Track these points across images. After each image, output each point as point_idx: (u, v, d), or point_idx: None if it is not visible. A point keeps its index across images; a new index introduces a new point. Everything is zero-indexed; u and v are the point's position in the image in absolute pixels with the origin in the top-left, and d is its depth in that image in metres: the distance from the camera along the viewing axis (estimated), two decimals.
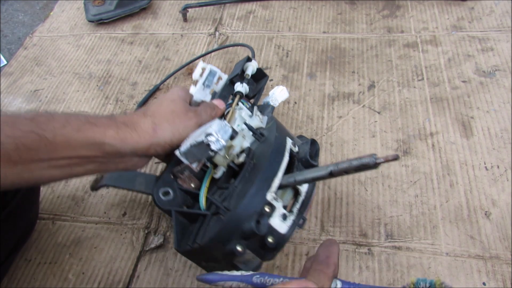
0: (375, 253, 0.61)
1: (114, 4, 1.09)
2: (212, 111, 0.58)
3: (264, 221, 0.45)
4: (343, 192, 0.69)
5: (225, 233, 0.45)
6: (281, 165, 0.47)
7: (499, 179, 0.67)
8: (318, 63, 0.91)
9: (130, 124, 0.50)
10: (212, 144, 0.49)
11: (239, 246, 0.44)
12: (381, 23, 0.97)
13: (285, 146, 0.50)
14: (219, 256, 0.46)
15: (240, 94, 0.63)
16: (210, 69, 0.62)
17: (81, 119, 0.48)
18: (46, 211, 0.73)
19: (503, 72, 0.82)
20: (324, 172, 0.42)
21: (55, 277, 0.65)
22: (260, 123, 0.57)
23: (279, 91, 0.65)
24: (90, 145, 0.47)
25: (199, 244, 0.46)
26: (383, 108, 0.80)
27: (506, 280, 0.57)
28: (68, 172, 0.48)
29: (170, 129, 0.52)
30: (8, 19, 1.41)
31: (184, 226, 0.52)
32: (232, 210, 0.45)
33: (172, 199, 0.54)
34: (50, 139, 0.44)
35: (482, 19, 0.93)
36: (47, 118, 0.46)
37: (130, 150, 0.50)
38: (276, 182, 0.46)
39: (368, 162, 0.37)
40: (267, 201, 0.45)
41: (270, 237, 0.45)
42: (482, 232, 0.62)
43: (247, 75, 0.66)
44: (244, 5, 1.08)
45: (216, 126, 0.49)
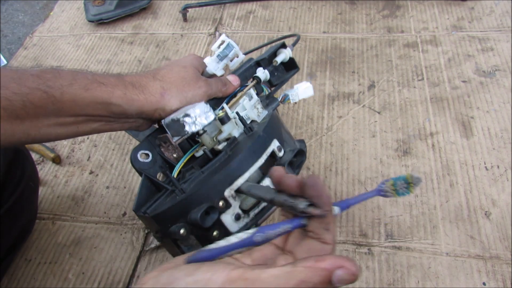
0: (375, 253, 0.61)
1: (114, 4, 1.09)
2: (223, 86, 0.56)
3: (213, 215, 0.44)
4: (343, 192, 0.69)
5: (174, 212, 0.45)
6: (252, 166, 0.46)
7: (499, 179, 0.67)
8: (318, 63, 0.91)
9: (138, 85, 0.50)
10: (187, 125, 0.48)
11: (183, 229, 0.44)
12: (381, 23, 0.97)
13: (266, 148, 0.48)
14: (164, 232, 0.45)
15: (257, 80, 0.60)
16: (228, 42, 0.59)
17: (89, 77, 0.47)
18: (46, 211, 0.73)
19: (503, 72, 0.82)
20: (267, 196, 0.38)
21: (55, 277, 0.65)
22: (256, 117, 0.56)
23: (304, 87, 0.60)
24: (97, 104, 0.47)
25: (148, 214, 0.46)
26: (383, 108, 0.80)
27: (506, 280, 0.56)
28: (74, 130, 0.48)
29: (177, 95, 0.51)
30: (8, 19, 1.41)
31: (151, 191, 0.51)
32: (187, 193, 0.45)
33: (149, 162, 0.54)
34: (57, 97, 0.44)
35: (482, 19, 0.93)
36: (53, 74, 0.45)
37: (136, 112, 0.49)
38: (240, 181, 0.45)
39: (296, 207, 0.32)
40: (223, 197, 0.45)
41: (215, 232, 0.45)
42: (482, 232, 0.62)
43: (276, 62, 0.63)
44: (244, 5, 1.08)
45: (198, 109, 0.49)
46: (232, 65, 0.60)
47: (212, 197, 0.45)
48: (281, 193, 0.36)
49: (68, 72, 0.46)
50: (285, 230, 0.33)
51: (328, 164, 0.73)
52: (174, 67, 0.54)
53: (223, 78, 0.58)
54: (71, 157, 0.81)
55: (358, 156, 0.73)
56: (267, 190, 0.40)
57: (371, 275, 0.59)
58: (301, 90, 0.60)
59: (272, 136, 0.51)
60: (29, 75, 0.43)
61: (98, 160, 0.80)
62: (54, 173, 0.79)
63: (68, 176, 0.78)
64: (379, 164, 0.71)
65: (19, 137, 0.43)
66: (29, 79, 0.43)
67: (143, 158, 0.53)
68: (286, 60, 0.63)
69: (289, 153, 0.51)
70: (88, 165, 0.80)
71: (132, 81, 0.50)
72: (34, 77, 0.43)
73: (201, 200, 0.44)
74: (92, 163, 0.80)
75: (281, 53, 0.63)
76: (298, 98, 0.61)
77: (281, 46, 0.63)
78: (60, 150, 0.83)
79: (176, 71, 0.53)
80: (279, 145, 0.50)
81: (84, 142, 0.84)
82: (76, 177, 0.78)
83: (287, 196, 0.35)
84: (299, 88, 0.61)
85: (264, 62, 0.62)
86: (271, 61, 0.63)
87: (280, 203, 0.36)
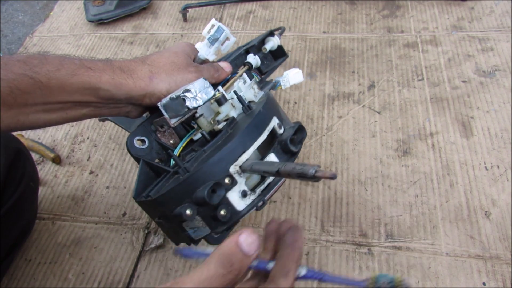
0: (375, 253, 0.61)
1: (114, 4, 1.09)
2: (216, 72, 0.56)
3: (220, 192, 0.43)
4: (343, 192, 0.69)
5: (178, 192, 0.43)
6: (255, 142, 0.45)
7: (499, 179, 0.67)
8: (318, 63, 0.91)
9: (126, 69, 0.49)
10: (188, 101, 0.47)
11: (189, 209, 0.42)
12: (381, 23, 0.97)
13: (267, 124, 0.48)
14: (169, 215, 0.44)
15: (248, 65, 0.60)
16: (218, 26, 0.59)
17: (76, 62, 0.46)
18: (46, 211, 0.73)
19: (503, 72, 0.82)
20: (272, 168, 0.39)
21: (55, 277, 0.65)
22: (253, 97, 0.55)
23: (293, 73, 0.61)
24: (85, 90, 0.46)
25: (151, 197, 0.45)
26: (383, 108, 0.80)
27: (506, 280, 0.56)
28: (63, 116, 0.48)
29: (167, 80, 0.50)
30: (8, 19, 1.41)
31: (149, 177, 0.51)
32: (191, 172, 0.44)
33: (145, 148, 0.53)
34: (45, 83, 0.44)
35: (482, 19, 0.93)
36: (40, 60, 0.44)
37: (125, 97, 0.49)
38: (244, 157, 0.44)
39: (306, 172, 0.34)
40: (229, 173, 0.44)
41: (223, 210, 0.44)
42: (482, 232, 0.62)
43: (265, 49, 0.63)
44: (244, 5, 1.08)
45: (198, 85, 0.48)
46: (224, 48, 0.61)
47: (217, 175, 0.43)
48: (288, 163, 0.37)
49: (54, 57, 0.46)
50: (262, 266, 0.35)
51: (328, 164, 0.73)
52: (164, 53, 0.53)
53: (216, 64, 0.57)
54: (71, 157, 0.81)
55: (358, 156, 0.73)
56: (271, 163, 0.40)
57: (371, 275, 0.59)
58: (291, 75, 0.61)
59: (272, 113, 0.50)
60: (15, 61, 0.43)
61: (98, 160, 0.80)
62: (54, 173, 0.79)
63: (68, 176, 0.78)
64: (379, 164, 0.71)
65: (8, 123, 0.43)
66: (15, 65, 0.43)
67: (139, 144, 0.53)
68: (274, 48, 0.64)
69: (289, 129, 0.50)
70: (88, 165, 0.80)
71: (121, 66, 0.49)
72: (20, 63, 0.43)
73: (206, 178, 0.43)
74: (92, 163, 0.80)
75: (269, 41, 0.64)
76: (289, 83, 0.61)
77: (269, 34, 0.64)
78: (60, 150, 0.83)
79: (166, 56, 0.52)
80: (279, 122, 0.49)
81: (84, 142, 0.84)
82: (76, 177, 0.78)
83: (295, 164, 0.36)
84: (289, 74, 0.61)
85: (253, 50, 0.63)
86: (260, 49, 0.63)
87: (287, 172, 0.37)
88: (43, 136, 0.86)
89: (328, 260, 0.61)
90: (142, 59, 0.52)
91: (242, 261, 0.32)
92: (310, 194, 0.69)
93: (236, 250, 0.32)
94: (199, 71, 0.53)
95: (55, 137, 0.85)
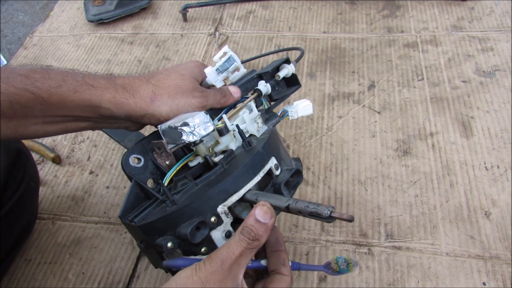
0: (375, 253, 0.61)
1: (114, 4, 1.09)
2: (223, 97, 0.55)
3: (204, 230, 0.44)
4: (343, 192, 0.69)
5: (162, 224, 0.44)
6: (248, 183, 0.46)
7: (499, 179, 0.67)
8: (318, 63, 0.91)
9: (129, 88, 0.49)
10: (184, 135, 0.47)
11: (171, 242, 0.43)
12: (381, 23, 0.97)
13: (264, 166, 0.47)
14: (150, 243, 0.45)
15: (258, 93, 0.59)
16: (230, 56, 0.57)
17: (78, 79, 0.46)
18: (46, 211, 0.73)
19: (503, 72, 0.82)
20: (281, 204, 0.41)
21: (55, 277, 0.65)
22: (255, 131, 0.54)
23: (303, 105, 0.60)
24: (86, 107, 0.46)
25: (135, 223, 0.46)
26: (383, 108, 0.80)
27: (506, 280, 0.57)
28: (62, 128, 0.48)
29: (168, 103, 0.50)
30: (8, 19, 1.41)
31: (139, 198, 0.50)
32: (178, 206, 0.44)
33: (140, 167, 0.52)
34: (45, 98, 0.44)
35: (482, 19, 0.93)
36: (42, 75, 0.44)
37: (125, 115, 0.49)
38: (234, 198, 0.45)
39: (321, 213, 0.36)
40: (216, 213, 0.44)
41: (204, 248, 0.44)
42: (482, 232, 0.62)
43: (278, 76, 0.62)
44: (244, 5, 1.08)
45: (198, 119, 0.47)
46: (232, 78, 0.60)
47: (204, 212, 0.44)
48: (299, 200, 0.39)
49: (57, 72, 0.46)
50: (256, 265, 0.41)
51: (328, 164, 0.73)
52: (171, 73, 0.52)
53: (224, 88, 0.56)
54: (71, 157, 0.81)
55: (358, 156, 0.73)
56: (279, 198, 0.41)
57: (371, 275, 0.59)
58: (301, 107, 0.60)
59: (271, 153, 0.49)
60: (17, 75, 0.43)
61: (98, 160, 0.80)
62: (54, 173, 0.79)
63: (68, 176, 0.78)
64: (379, 164, 0.71)
65: (6, 134, 0.44)
66: (17, 79, 0.43)
67: (134, 162, 0.52)
68: (288, 76, 0.63)
69: (286, 172, 0.50)
70: (88, 165, 0.80)
71: (124, 84, 0.49)
72: (22, 77, 0.43)
73: (192, 214, 0.43)
74: (92, 163, 0.80)
75: (284, 68, 0.62)
76: (297, 115, 0.60)
77: (285, 61, 0.62)
78: (60, 150, 0.83)
79: (172, 77, 0.52)
80: (276, 163, 0.49)
81: (84, 142, 0.84)
82: (76, 177, 0.78)
83: (307, 203, 0.38)
84: (298, 105, 0.60)
85: (266, 76, 0.62)
86: (274, 75, 0.62)
87: (298, 209, 0.38)
88: None
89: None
90: (147, 77, 0.51)
91: (260, 229, 0.39)
92: (310, 194, 0.69)
93: (254, 221, 0.39)
94: (204, 96, 0.52)
95: (55, 137, 0.85)
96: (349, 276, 0.59)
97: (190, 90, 0.51)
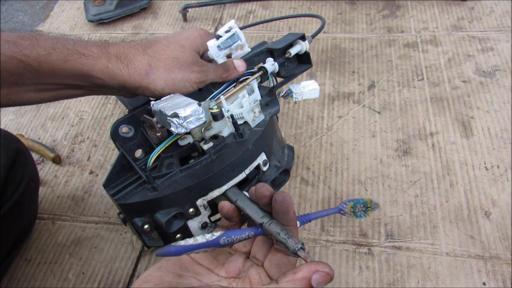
0: (375, 253, 0.61)
1: (114, 4, 1.09)
2: (225, 72, 0.51)
3: (180, 221, 0.44)
4: (343, 192, 0.69)
5: (141, 207, 0.44)
6: (231, 180, 0.45)
7: (499, 179, 0.67)
8: (318, 63, 0.91)
9: (123, 58, 0.46)
10: (173, 126, 0.45)
11: (147, 225, 0.43)
12: (381, 23, 0.97)
13: (251, 162, 0.47)
14: (128, 219, 0.45)
15: (264, 71, 0.56)
16: (235, 32, 0.52)
17: (69, 46, 0.44)
18: (46, 211, 0.73)
19: (503, 72, 0.82)
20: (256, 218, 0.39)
21: (55, 277, 0.65)
22: (251, 121, 0.52)
23: (310, 88, 0.56)
24: (77, 76, 0.45)
25: (116, 200, 0.46)
26: (383, 108, 0.80)
27: (506, 280, 0.56)
28: (56, 95, 0.47)
29: (164, 77, 0.47)
30: (8, 19, 1.41)
31: (124, 168, 0.49)
32: (159, 193, 0.44)
33: (129, 137, 0.51)
34: (35, 67, 0.42)
35: (482, 19, 0.93)
36: (31, 42, 0.42)
37: (118, 86, 0.47)
38: (215, 193, 0.44)
39: (289, 246, 0.34)
40: (195, 205, 0.44)
41: (179, 235, 0.45)
42: (482, 232, 0.62)
43: (289, 53, 0.58)
44: (244, 5, 1.08)
45: (189, 110, 0.44)
46: (235, 56, 0.55)
47: (183, 203, 0.44)
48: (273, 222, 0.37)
49: (47, 39, 0.44)
50: (248, 237, 0.37)
51: (328, 164, 0.73)
52: (171, 43, 0.49)
53: (228, 61, 0.53)
54: (71, 157, 0.81)
55: (358, 156, 0.73)
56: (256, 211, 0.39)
57: (371, 275, 0.59)
58: (307, 90, 0.56)
59: (262, 149, 0.48)
60: (4, 41, 0.42)
61: (98, 160, 0.80)
62: (54, 173, 0.79)
63: (68, 176, 0.78)
64: (379, 164, 0.71)
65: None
66: (5, 46, 0.41)
67: (124, 132, 0.51)
68: (301, 53, 0.59)
69: (273, 169, 0.49)
70: (88, 165, 0.80)
71: (118, 53, 0.46)
72: (10, 44, 0.41)
73: (171, 203, 0.43)
74: (92, 163, 0.80)
75: (297, 44, 0.58)
76: (302, 97, 0.56)
77: (300, 37, 0.59)
78: (60, 150, 0.83)
79: (171, 48, 0.48)
80: (265, 159, 0.48)
81: (84, 142, 0.84)
82: (76, 177, 0.78)
83: (279, 229, 0.36)
84: (305, 87, 0.56)
85: (277, 52, 0.58)
86: (285, 52, 0.59)
87: (270, 232, 0.37)
88: (43, 136, 0.86)
89: (328, 260, 0.61)
90: (144, 46, 0.48)
91: None
92: (310, 194, 0.69)
93: None
94: (204, 71, 0.49)
95: (55, 137, 0.85)
96: (349, 276, 0.59)
97: (189, 64, 0.48)
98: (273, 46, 0.58)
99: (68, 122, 0.88)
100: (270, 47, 0.58)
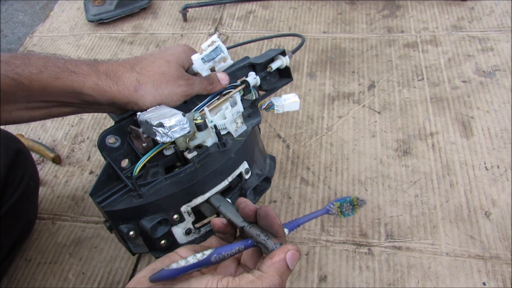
0: (375, 253, 0.61)
1: (114, 4, 1.09)
2: (209, 85, 0.53)
3: (164, 227, 0.45)
4: (343, 192, 0.69)
5: (127, 214, 0.45)
6: (214, 188, 0.47)
7: (499, 179, 0.67)
8: (318, 63, 0.91)
9: (112, 75, 0.48)
10: (158, 135, 0.46)
11: (133, 232, 0.45)
12: (381, 23, 0.97)
13: (234, 170, 0.48)
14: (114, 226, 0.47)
15: (246, 84, 0.58)
16: (218, 45, 0.55)
17: (59, 65, 0.46)
18: (46, 211, 0.73)
19: (503, 72, 0.82)
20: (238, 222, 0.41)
21: (55, 277, 0.65)
22: (233, 131, 0.54)
23: (290, 101, 0.59)
24: (68, 93, 0.46)
25: (102, 208, 0.47)
26: (383, 108, 0.80)
27: (506, 280, 0.56)
28: (47, 113, 0.48)
29: (152, 92, 0.49)
30: (8, 19, 1.41)
31: (110, 177, 0.51)
32: (144, 200, 0.45)
33: (116, 147, 0.52)
34: (27, 85, 0.43)
35: (482, 19, 0.93)
36: (23, 61, 0.44)
37: (108, 102, 0.48)
38: (199, 200, 0.46)
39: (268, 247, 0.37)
40: (179, 211, 0.46)
41: (164, 241, 0.46)
42: (482, 232, 0.62)
43: (270, 68, 0.61)
44: (244, 5, 1.08)
45: (174, 120, 0.46)
46: (218, 68, 0.58)
47: (167, 209, 0.45)
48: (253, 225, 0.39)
49: (38, 58, 0.45)
50: (239, 251, 0.38)
51: (328, 164, 0.73)
52: (157, 59, 0.51)
53: (212, 74, 0.55)
54: (71, 157, 0.81)
55: (358, 156, 0.73)
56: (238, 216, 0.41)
57: (371, 275, 0.59)
58: (288, 103, 0.59)
59: (244, 157, 0.50)
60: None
61: (98, 160, 0.80)
62: (54, 173, 0.79)
63: (68, 176, 0.78)
64: (379, 164, 0.71)
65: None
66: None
67: (111, 142, 0.52)
68: (282, 68, 0.62)
69: (255, 177, 0.51)
70: (88, 165, 0.80)
71: (107, 71, 0.48)
72: (3, 63, 0.43)
73: (156, 210, 0.45)
74: (92, 163, 0.80)
75: (278, 59, 0.61)
76: (283, 110, 0.59)
77: (281, 52, 0.62)
78: (60, 150, 0.83)
79: (157, 64, 0.50)
80: (247, 167, 0.50)
81: (84, 142, 0.84)
82: (76, 177, 0.78)
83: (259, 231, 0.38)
84: (286, 100, 0.59)
85: (259, 66, 0.61)
86: (266, 66, 0.61)
87: (251, 234, 0.39)
88: (43, 136, 0.86)
89: (328, 260, 0.61)
90: (131, 64, 0.50)
91: None
92: (310, 194, 0.69)
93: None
94: (189, 84, 0.51)
95: (55, 137, 0.85)
96: (349, 276, 0.59)
97: (175, 78, 0.50)
98: (255, 61, 0.61)
99: (68, 122, 0.88)
100: (252, 61, 0.61)
